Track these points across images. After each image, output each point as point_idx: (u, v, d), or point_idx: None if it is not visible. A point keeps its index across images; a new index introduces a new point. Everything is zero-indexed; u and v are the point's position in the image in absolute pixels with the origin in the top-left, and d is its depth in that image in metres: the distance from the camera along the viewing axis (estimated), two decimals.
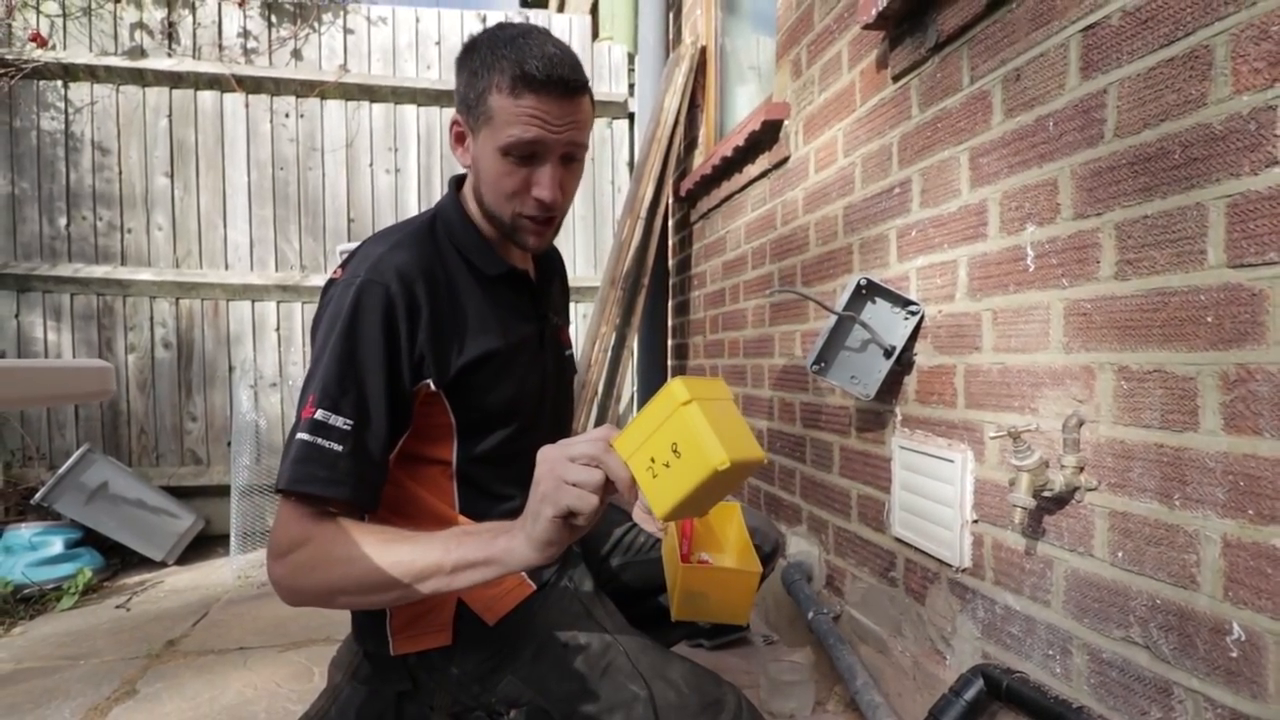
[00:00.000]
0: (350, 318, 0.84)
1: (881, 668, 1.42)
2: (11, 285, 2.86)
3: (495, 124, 0.89)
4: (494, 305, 0.98)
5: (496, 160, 0.90)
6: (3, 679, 1.75)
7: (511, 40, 0.88)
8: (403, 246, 0.91)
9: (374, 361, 0.84)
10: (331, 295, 0.89)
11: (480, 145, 0.92)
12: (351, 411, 0.82)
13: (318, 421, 0.80)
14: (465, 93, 0.92)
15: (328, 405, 0.81)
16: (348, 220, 3.09)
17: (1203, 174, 0.77)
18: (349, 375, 0.83)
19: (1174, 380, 0.81)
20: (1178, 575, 0.80)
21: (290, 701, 1.59)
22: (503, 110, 0.88)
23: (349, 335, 0.84)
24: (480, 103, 0.90)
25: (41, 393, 0.96)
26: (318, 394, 0.82)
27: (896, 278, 1.37)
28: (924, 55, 1.26)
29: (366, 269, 0.87)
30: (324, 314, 0.88)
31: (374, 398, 0.84)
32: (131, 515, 2.63)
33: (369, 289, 0.85)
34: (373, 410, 0.83)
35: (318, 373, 0.83)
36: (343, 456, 0.80)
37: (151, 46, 2.94)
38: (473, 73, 0.90)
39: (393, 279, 0.86)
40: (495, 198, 0.94)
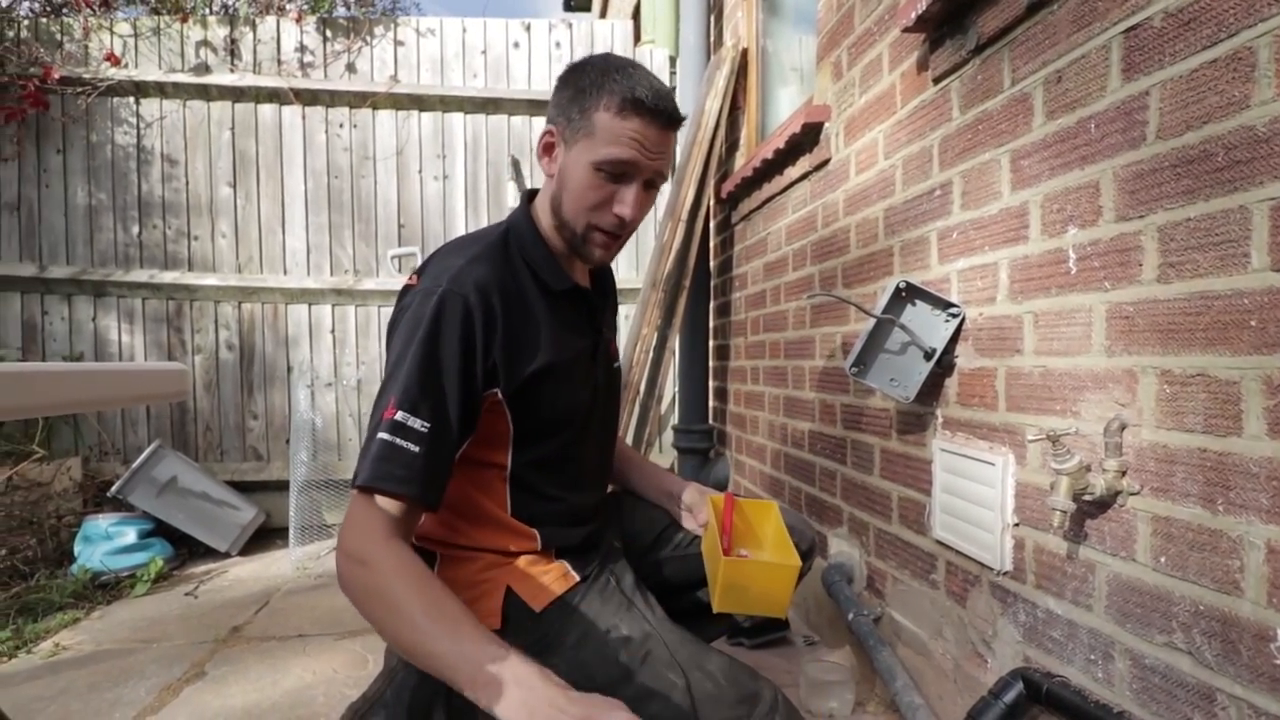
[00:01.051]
0: (432, 326, 0.88)
1: (922, 670, 1.42)
2: (89, 290, 3.04)
3: (595, 139, 0.94)
4: (557, 319, 1.02)
5: (588, 173, 0.96)
6: (84, 659, 1.88)
7: (623, 68, 0.95)
8: (480, 260, 0.95)
9: (452, 368, 0.88)
10: (410, 302, 0.93)
11: (573, 157, 0.97)
12: (429, 415, 0.86)
13: (398, 422, 0.84)
14: (567, 106, 0.97)
15: (407, 408, 0.85)
16: (398, 226, 3.19)
17: (1246, 176, 0.76)
18: (429, 381, 0.87)
19: (1217, 384, 0.80)
20: (1221, 581, 0.80)
21: (346, 687, 1.66)
22: (606, 128, 0.94)
23: (430, 342, 0.88)
24: (583, 117, 0.95)
25: (125, 394, 1.04)
26: (398, 396, 0.86)
27: (937, 280, 1.37)
28: (964, 57, 1.26)
29: (448, 279, 0.91)
30: (403, 319, 0.92)
31: (450, 403, 0.88)
32: (198, 508, 2.78)
33: (450, 299, 0.89)
34: (449, 414, 0.88)
35: (399, 376, 0.87)
36: (418, 457, 0.84)
37: (215, 63, 3.09)
38: (579, 89, 0.96)
39: (471, 290, 0.90)
40: (575, 208, 0.98)
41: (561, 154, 0.99)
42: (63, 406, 0.81)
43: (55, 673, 1.79)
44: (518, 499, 1.02)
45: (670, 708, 0.90)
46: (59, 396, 0.80)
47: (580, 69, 0.98)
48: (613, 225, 0.99)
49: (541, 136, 1.02)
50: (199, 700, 1.63)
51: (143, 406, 3.06)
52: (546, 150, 1.02)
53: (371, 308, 3.18)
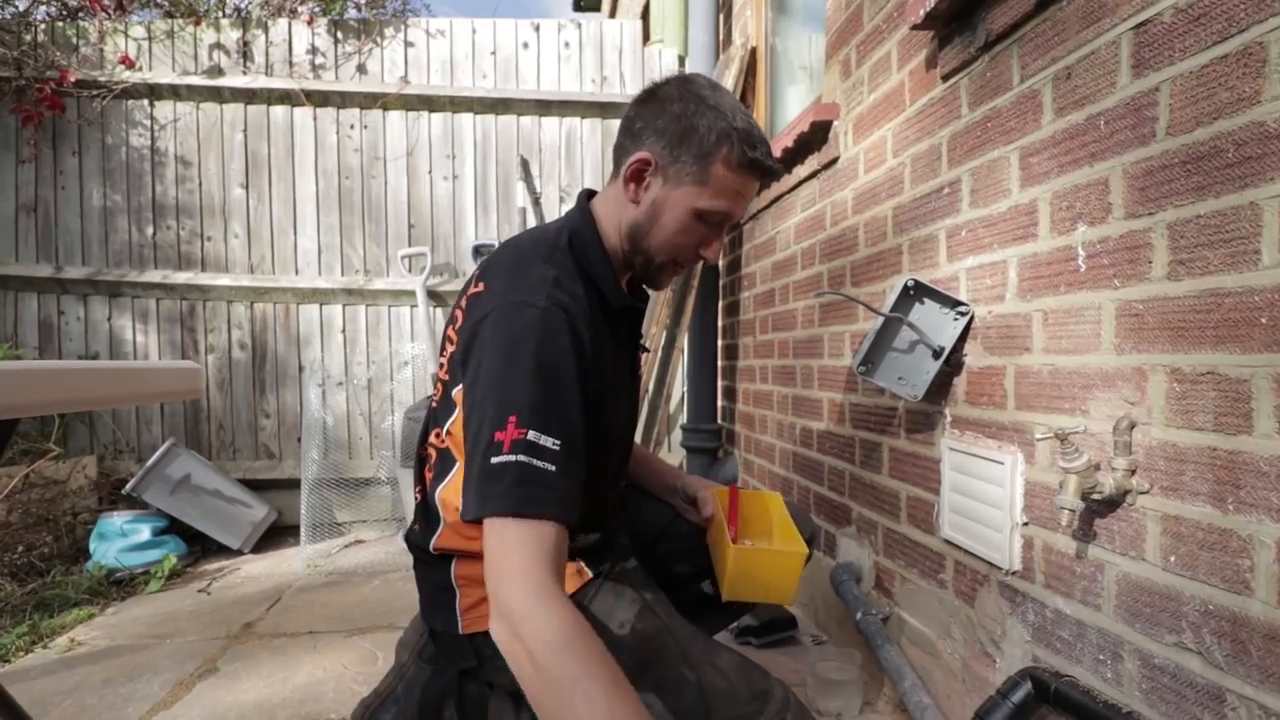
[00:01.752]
0: (541, 339, 0.84)
1: (930, 669, 1.41)
2: (105, 291, 3.08)
3: (706, 189, 0.94)
4: (613, 336, 1.02)
5: (687, 217, 0.96)
6: (99, 654, 1.90)
7: (738, 113, 0.94)
8: (566, 275, 0.94)
9: (570, 383, 0.85)
10: (499, 313, 0.88)
11: (675, 195, 0.96)
12: (559, 431, 0.81)
13: (530, 442, 0.78)
14: (677, 143, 0.94)
15: (537, 425, 0.79)
16: (408, 226, 3.21)
17: (1256, 173, 0.76)
18: (550, 395, 0.82)
19: (1227, 383, 0.79)
20: (1231, 581, 0.79)
21: (356, 683, 1.68)
22: (721, 180, 0.94)
23: (541, 356, 0.83)
24: (697, 164, 0.94)
25: (141, 391, 1.06)
26: (522, 414, 0.80)
27: (946, 278, 1.37)
28: (973, 54, 1.26)
29: (546, 294, 0.88)
30: (492, 331, 0.87)
31: (574, 417, 0.84)
32: (211, 505, 2.81)
33: (554, 312, 0.86)
34: (575, 429, 0.83)
35: (512, 392, 0.81)
36: (557, 476, 0.79)
37: (228, 65, 3.12)
38: (694, 128, 0.93)
39: (574, 306, 0.89)
40: (664, 243, 0.98)
41: (658, 187, 0.97)
42: (80, 404, 0.83)
43: (71, 668, 1.81)
44: None
45: (683, 703, 0.91)
46: (77, 394, 0.81)
47: (691, 100, 0.94)
48: (690, 263, 1.01)
49: (631, 160, 0.97)
50: (211, 695, 1.65)
51: (157, 405, 3.10)
52: (636, 177, 0.98)
53: (382, 307, 3.20)
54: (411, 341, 3.21)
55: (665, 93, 0.98)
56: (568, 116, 3.25)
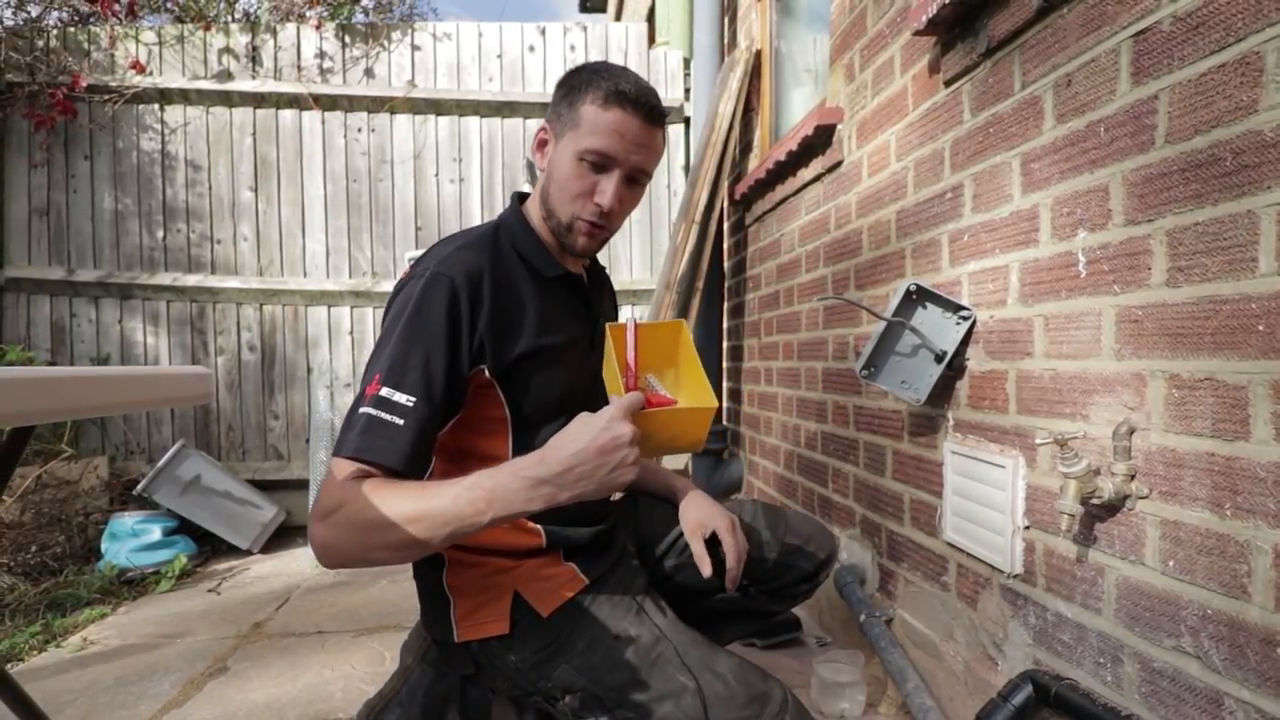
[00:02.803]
0: (417, 305, 0.91)
1: (933, 671, 1.42)
2: (116, 293, 3.11)
3: (580, 131, 0.98)
4: (551, 304, 1.05)
5: (572, 164, 0.99)
6: (111, 653, 1.93)
7: (612, 69, 1.01)
8: (469, 247, 0.99)
9: (437, 344, 0.90)
10: (399, 288, 0.97)
11: (560, 149, 1.01)
12: (413, 389, 0.88)
13: (382, 397, 0.87)
14: (558, 104, 1.03)
15: (391, 383, 0.87)
16: (415, 228, 3.23)
17: (1254, 181, 0.76)
18: (413, 356, 0.89)
19: (1225, 389, 0.80)
20: (1229, 585, 0.80)
21: (364, 683, 1.69)
22: (589, 119, 0.98)
23: (415, 320, 0.91)
24: (571, 110, 1.00)
25: (152, 397, 1.07)
26: (383, 372, 0.88)
27: (949, 282, 1.37)
28: (975, 60, 1.26)
29: (434, 264, 0.95)
30: (393, 305, 0.96)
31: (435, 377, 0.90)
32: (221, 506, 2.84)
33: (436, 280, 0.93)
34: (433, 389, 0.89)
35: (383, 353, 0.90)
36: (403, 430, 0.86)
37: (237, 69, 3.15)
38: (571, 87, 1.01)
39: (458, 272, 0.94)
40: (561, 197, 1.02)
41: (551, 148, 1.04)
42: (94, 410, 0.85)
43: (83, 666, 1.84)
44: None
45: (681, 709, 0.92)
46: (91, 400, 0.83)
47: (575, 71, 1.03)
48: (594, 215, 1.01)
49: (537, 134, 1.07)
50: (221, 694, 1.67)
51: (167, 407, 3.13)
52: (540, 146, 1.06)
53: None
54: None
55: (562, 76, 1.05)
56: None
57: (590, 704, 0.97)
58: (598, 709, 0.96)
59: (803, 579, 1.25)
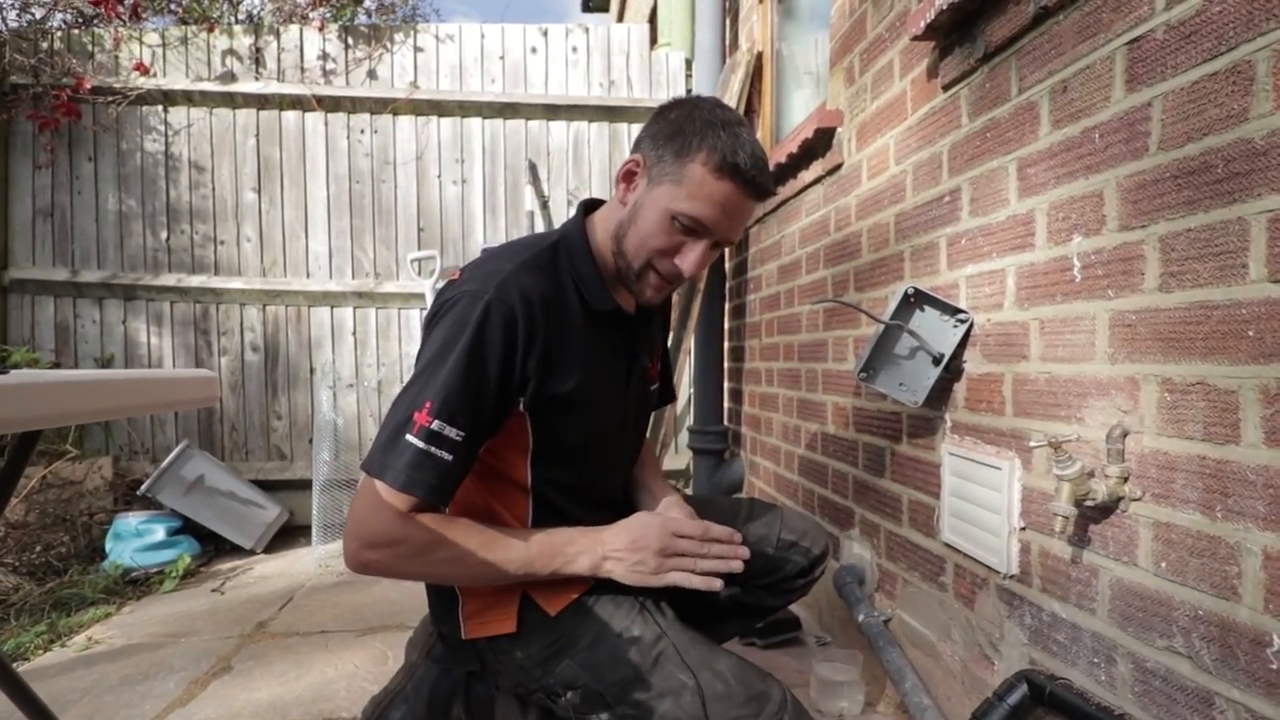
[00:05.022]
0: (476, 332, 0.89)
1: (931, 671, 1.43)
2: (120, 294, 3.13)
3: (681, 189, 0.93)
4: (594, 341, 1.02)
5: (664, 220, 0.95)
6: (116, 653, 1.94)
7: (730, 125, 0.94)
8: (528, 268, 0.95)
9: (493, 380, 0.90)
10: (454, 302, 0.93)
11: (652, 196, 0.96)
12: (465, 424, 0.88)
13: (434, 432, 0.87)
14: (662, 143, 0.96)
15: (445, 417, 0.87)
16: (418, 229, 3.25)
17: (1244, 188, 0.78)
18: (468, 391, 0.88)
19: (1216, 393, 0.81)
20: (1219, 587, 0.81)
21: (367, 682, 1.71)
22: (696, 181, 0.93)
23: (473, 350, 0.89)
24: (677, 162, 0.94)
25: (158, 400, 1.09)
26: (436, 403, 0.87)
27: (946, 286, 1.38)
28: (973, 65, 1.27)
29: (495, 286, 0.91)
30: (445, 318, 0.92)
31: (485, 413, 0.90)
32: (224, 506, 2.85)
33: (496, 307, 0.90)
34: (482, 424, 0.91)
35: (437, 380, 0.88)
36: (452, 466, 0.88)
37: (240, 71, 3.16)
38: (681, 130, 0.94)
39: (518, 301, 0.91)
40: (640, 246, 0.98)
41: (642, 188, 0.98)
42: (100, 414, 0.86)
43: (88, 666, 1.86)
44: (539, 516, 1.05)
45: (681, 707, 0.93)
46: (97, 404, 0.85)
47: (688, 109, 0.96)
48: (670, 273, 0.99)
49: (625, 163, 1.00)
50: (225, 694, 1.68)
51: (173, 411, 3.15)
52: (626, 178, 1.00)
53: (392, 310, 3.24)
54: None
55: (668, 106, 1.01)
56: (575, 120, 3.27)
57: (591, 700, 0.98)
58: (599, 705, 0.98)
59: (798, 573, 1.27)
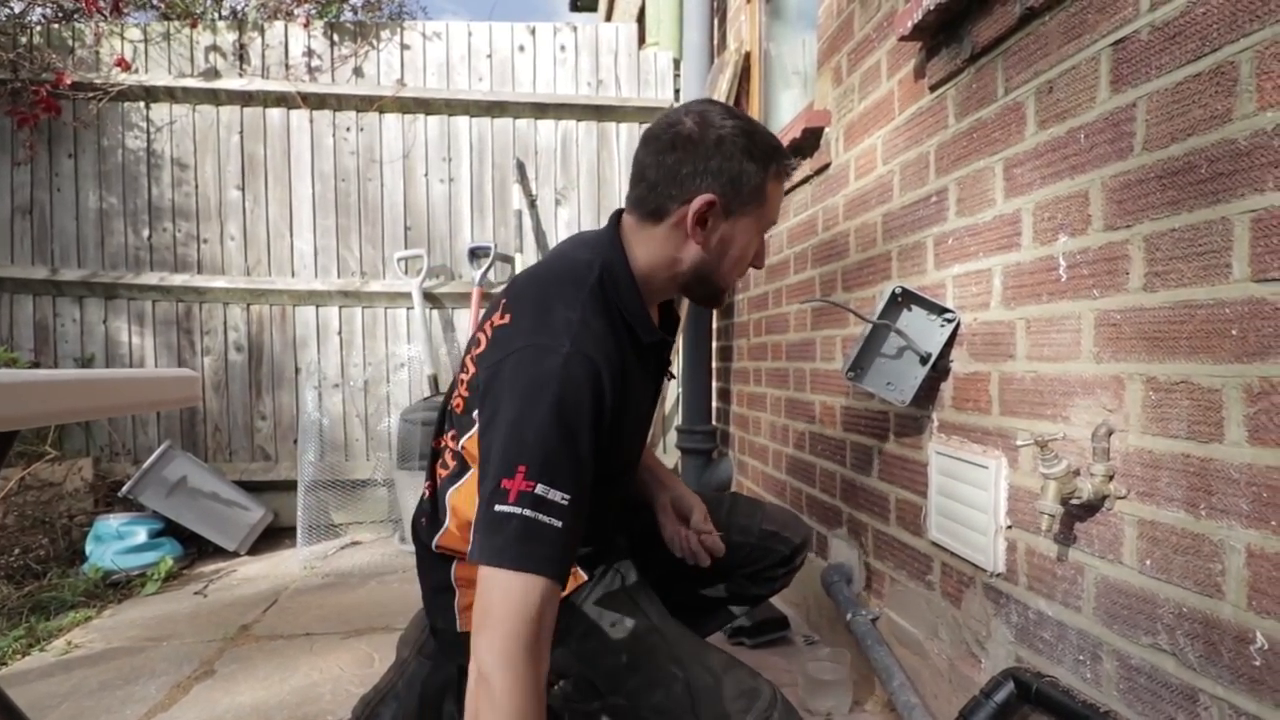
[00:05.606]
0: (562, 388, 0.82)
1: (918, 669, 1.43)
2: (100, 293, 3.09)
3: (765, 208, 1.00)
4: (641, 373, 1.02)
5: (754, 239, 1.01)
6: (96, 657, 1.91)
7: (759, 126, 1.00)
8: (594, 315, 0.91)
9: (586, 437, 0.83)
10: (521, 355, 0.87)
11: (741, 225, 0.99)
12: (568, 486, 0.80)
13: (538, 496, 0.78)
14: (736, 178, 0.95)
15: (546, 479, 0.79)
16: (404, 228, 3.22)
17: (1228, 189, 0.78)
18: (565, 450, 0.81)
19: (1200, 392, 0.82)
20: (1203, 584, 0.81)
21: (353, 685, 1.69)
22: (775, 198, 1.01)
23: (561, 406, 0.82)
24: (754, 190, 0.97)
25: (138, 400, 1.07)
26: (533, 466, 0.79)
27: (933, 285, 1.39)
28: (959, 66, 1.28)
29: (571, 340, 0.86)
30: (518, 374, 0.85)
31: (585, 472, 0.83)
32: (208, 508, 2.82)
33: (578, 361, 0.85)
34: (584, 484, 0.83)
35: (528, 441, 0.80)
36: (562, 533, 0.79)
37: (224, 67, 3.13)
38: (743, 164, 0.95)
39: (599, 356, 0.87)
40: (733, 271, 1.02)
41: (723, 224, 0.97)
42: (79, 414, 0.84)
43: (68, 670, 1.83)
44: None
45: (671, 699, 0.93)
46: (75, 404, 0.83)
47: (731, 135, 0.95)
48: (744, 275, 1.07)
49: (698, 205, 0.94)
50: (208, 698, 1.66)
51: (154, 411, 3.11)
52: (701, 221, 0.96)
53: (378, 309, 3.21)
54: (408, 343, 3.23)
55: (695, 133, 0.95)
56: (564, 119, 3.26)
57: (584, 689, 0.99)
58: (591, 695, 0.98)
59: (779, 562, 1.31)
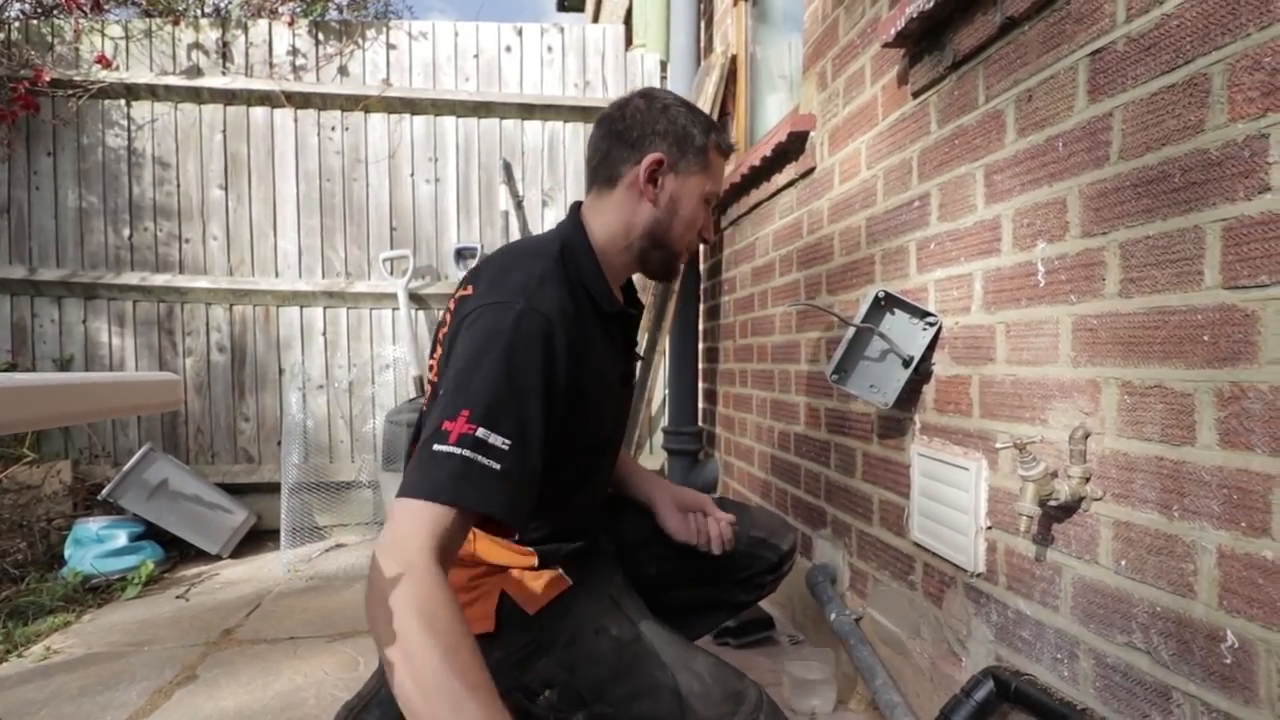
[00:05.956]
0: (512, 340, 0.85)
1: (901, 668, 1.45)
2: (80, 293, 3.05)
3: (709, 174, 1.08)
4: (606, 344, 1.05)
5: (700, 203, 1.08)
6: (75, 662, 1.89)
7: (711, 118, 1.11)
8: (551, 281, 0.94)
9: (534, 385, 0.85)
10: (478, 315, 0.90)
11: (687, 186, 1.07)
12: (511, 431, 0.82)
13: (479, 439, 0.80)
14: (681, 140, 1.06)
15: (489, 424, 0.80)
16: (390, 229, 3.21)
17: (1200, 198, 0.80)
18: (509, 395, 0.83)
19: (1173, 396, 0.83)
20: (1176, 584, 0.83)
21: (337, 689, 1.68)
22: (717, 166, 1.10)
23: (510, 356, 0.85)
24: (700, 154, 1.07)
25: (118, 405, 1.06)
26: (475, 410, 0.81)
27: (916, 289, 1.41)
28: (942, 73, 1.30)
29: (525, 297, 0.89)
30: (470, 329, 0.89)
31: (531, 420, 0.84)
32: (189, 510, 2.79)
33: (530, 316, 0.88)
34: (530, 432, 0.84)
35: (471, 387, 0.82)
36: (500, 475, 0.80)
37: (207, 65, 3.10)
38: (687, 126, 1.06)
39: (553, 311, 0.89)
40: (684, 232, 1.09)
41: (671, 183, 1.06)
42: (56, 420, 0.83)
43: (46, 676, 1.81)
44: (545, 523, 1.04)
45: (659, 705, 0.93)
46: (53, 409, 0.82)
47: (674, 106, 1.07)
48: (695, 246, 1.13)
49: (647, 163, 1.04)
50: (191, 703, 1.65)
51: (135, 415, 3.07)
52: (652, 178, 1.05)
53: (364, 310, 3.19)
54: (393, 344, 3.21)
55: (642, 105, 1.07)
56: (550, 120, 3.26)
57: (569, 698, 0.98)
58: (576, 704, 0.98)
59: (768, 569, 1.32)
